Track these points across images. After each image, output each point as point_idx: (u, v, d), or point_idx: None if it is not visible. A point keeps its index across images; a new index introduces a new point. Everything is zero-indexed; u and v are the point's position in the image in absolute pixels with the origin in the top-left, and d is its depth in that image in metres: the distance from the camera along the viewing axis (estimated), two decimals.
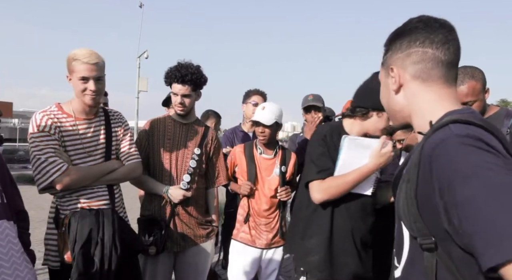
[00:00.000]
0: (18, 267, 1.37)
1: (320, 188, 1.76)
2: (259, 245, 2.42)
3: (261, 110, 2.40)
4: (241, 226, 2.46)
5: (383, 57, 1.02)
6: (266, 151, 2.50)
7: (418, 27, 0.92)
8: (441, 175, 0.72)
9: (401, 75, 0.94)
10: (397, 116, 1.00)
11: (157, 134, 2.28)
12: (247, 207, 2.45)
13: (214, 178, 2.45)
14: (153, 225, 2.15)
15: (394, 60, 0.96)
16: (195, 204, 2.31)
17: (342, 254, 1.79)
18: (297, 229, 1.95)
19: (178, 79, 2.20)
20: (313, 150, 1.85)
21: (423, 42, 0.91)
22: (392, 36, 0.98)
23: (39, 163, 1.69)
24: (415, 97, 0.93)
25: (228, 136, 3.17)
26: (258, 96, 3.07)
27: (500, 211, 0.62)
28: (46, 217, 1.93)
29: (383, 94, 1.04)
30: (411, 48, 0.92)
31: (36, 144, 1.70)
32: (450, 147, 0.73)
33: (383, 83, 1.03)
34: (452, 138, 0.74)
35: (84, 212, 1.71)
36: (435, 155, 0.75)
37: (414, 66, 0.92)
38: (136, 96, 20.38)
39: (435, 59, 0.90)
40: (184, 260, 2.30)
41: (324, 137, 1.83)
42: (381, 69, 1.04)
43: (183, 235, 2.25)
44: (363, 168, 1.71)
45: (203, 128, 2.41)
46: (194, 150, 2.30)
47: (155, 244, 2.10)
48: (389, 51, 0.98)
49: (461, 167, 0.69)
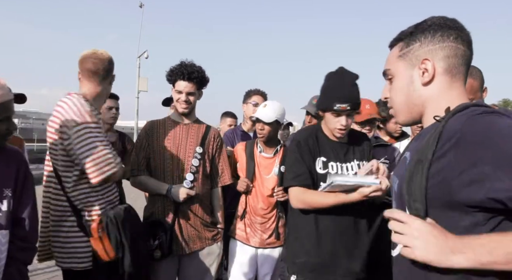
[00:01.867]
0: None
1: (299, 197, 1.81)
2: (253, 244, 2.41)
3: (263, 108, 2.40)
4: (237, 222, 2.47)
5: (402, 50, 0.99)
6: (266, 149, 2.50)
7: (447, 24, 0.94)
8: (479, 140, 0.76)
9: (436, 67, 0.93)
10: (414, 110, 0.98)
11: (157, 134, 2.26)
12: (244, 204, 2.45)
13: (218, 177, 2.40)
14: (157, 228, 2.10)
15: (426, 51, 0.94)
16: (200, 205, 2.26)
17: (330, 255, 1.79)
18: (288, 231, 1.99)
19: (184, 76, 2.19)
20: (289, 157, 1.94)
21: (456, 39, 0.93)
22: (415, 29, 0.97)
23: (102, 153, 1.70)
24: (442, 91, 0.94)
25: (228, 136, 3.16)
26: (259, 96, 3.07)
27: None
28: None
29: (400, 87, 0.99)
30: (445, 42, 0.93)
31: (96, 134, 1.72)
32: (482, 119, 0.78)
33: (403, 76, 0.98)
34: (479, 112, 0.79)
35: (118, 210, 1.79)
36: (468, 127, 0.79)
37: (447, 60, 0.93)
38: (136, 96, 20.37)
39: (464, 56, 0.93)
40: (189, 264, 2.24)
41: (298, 143, 1.88)
42: (400, 62, 0.99)
43: (188, 237, 2.19)
44: (346, 197, 1.65)
45: (204, 127, 2.39)
46: (196, 149, 2.27)
47: (160, 247, 2.06)
48: (415, 42, 0.96)
49: (502, 128, 0.76)
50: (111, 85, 2.00)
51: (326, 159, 1.85)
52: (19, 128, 26.60)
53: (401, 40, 1.00)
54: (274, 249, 2.46)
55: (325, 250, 1.79)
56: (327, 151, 1.87)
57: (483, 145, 0.75)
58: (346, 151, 1.90)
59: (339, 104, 1.75)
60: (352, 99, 1.78)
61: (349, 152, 1.90)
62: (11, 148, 1.55)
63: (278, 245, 2.45)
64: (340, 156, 1.87)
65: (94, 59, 1.87)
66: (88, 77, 1.87)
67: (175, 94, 2.27)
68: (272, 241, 2.42)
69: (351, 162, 1.87)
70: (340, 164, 1.86)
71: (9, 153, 1.50)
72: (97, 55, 1.88)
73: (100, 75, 1.88)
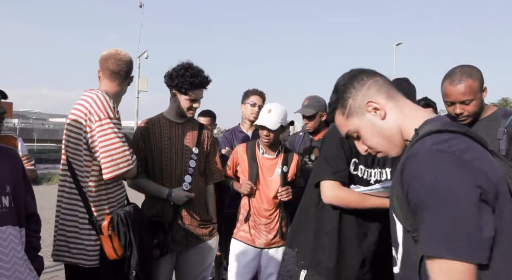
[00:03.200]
0: (20, 276, 1.34)
1: (335, 192, 1.73)
2: (258, 245, 2.41)
3: (267, 113, 2.37)
4: (241, 225, 2.46)
5: (344, 112, 1.10)
6: (268, 151, 2.49)
7: (352, 74, 1.11)
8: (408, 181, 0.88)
9: (380, 102, 1.04)
10: (395, 140, 1.05)
11: (153, 135, 2.25)
12: (248, 206, 2.44)
13: (211, 174, 2.43)
14: (156, 227, 2.13)
15: (361, 98, 1.06)
16: (198, 204, 2.30)
17: (347, 256, 1.78)
18: (304, 226, 1.91)
19: (199, 85, 2.21)
20: (329, 151, 1.82)
21: (367, 76, 1.08)
22: (337, 95, 1.12)
23: (121, 149, 1.73)
24: (399, 113, 1.03)
25: (227, 137, 3.15)
26: (257, 96, 3.06)
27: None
28: (47, 216, 1.93)
29: (370, 133, 1.07)
30: (365, 83, 1.06)
31: (116, 130, 1.75)
32: (419, 159, 0.87)
33: (363, 125, 1.07)
34: (423, 150, 0.87)
35: (128, 209, 1.82)
36: (406, 164, 0.89)
37: (380, 90, 1.05)
38: (136, 96, 20.39)
39: (386, 82, 1.08)
40: (186, 260, 2.29)
41: (342, 139, 1.76)
42: (351, 120, 1.10)
43: (186, 235, 2.23)
44: (385, 201, 1.63)
45: (198, 126, 2.40)
46: (193, 150, 2.28)
47: (159, 246, 2.09)
48: (347, 101, 1.08)
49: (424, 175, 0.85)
50: (128, 85, 2.04)
51: (358, 161, 1.81)
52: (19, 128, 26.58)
53: (335, 109, 1.13)
54: (278, 249, 2.46)
55: (344, 251, 1.77)
56: (358, 153, 1.79)
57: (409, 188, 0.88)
58: (373, 157, 1.83)
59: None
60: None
61: (375, 158, 1.85)
62: (5, 146, 1.55)
63: (282, 244, 2.45)
64: (368, 161, 1.83)
65: (118, 60, 1.90)
66: (109, 77, 1.90)
67: (186, 102, 2.23)
68: (277, 241, 2.43)
69: (375, 169, 1.84)
70: (369, 169, 1.83)
71: (5, 151, 1.51)
72: (120, 56, 1.92)
73: (121, 75, 1.92)
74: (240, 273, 2.42)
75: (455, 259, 0.78)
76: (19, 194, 1.44)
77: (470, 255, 0.78)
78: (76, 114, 1.77)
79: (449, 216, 0.79)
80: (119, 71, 1.90)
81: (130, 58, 1.97)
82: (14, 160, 1.49)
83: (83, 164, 1.76)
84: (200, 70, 2.24)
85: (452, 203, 0.79)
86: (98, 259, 1.76)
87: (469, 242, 0.78)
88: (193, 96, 2.22)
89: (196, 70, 2.22)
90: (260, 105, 3.01)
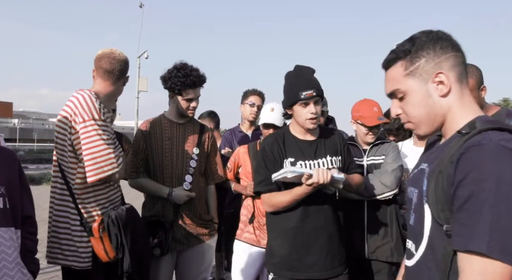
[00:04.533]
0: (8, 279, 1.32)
1: (266, 201, 1.89)
2: (263, 245, 2.41)
3: (270, 112, 2.38)
4: (245, 227, 2.45)
5: (408, 68, 0.99)
6: None
7: (439, 36, 0.97)
8: (465, 169, 0.82)
9: (450, 79, 0.95)
10: (436, 121, 0.99)
11: (154, 135, 2.26)
12: (252, 208, 2.44)
13: (212, 175, 2.44)
14: (157, 227, 2.13)
15: (434, 65, 0.96)
16: (198, 204, 2.30)
17: (304, 254, 1.81)
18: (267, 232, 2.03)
19: (194, 83, 2.21)
20: (255, 164, 2.06)
21: (452, 48, 0.97)
22: (412, 47, 0.98)
23: (105, 151, 1.70)
24: (458, 99, 0.96)
25: (227, 137, 3.15)
26: (256, 97, 3.05)
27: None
28: (46, 216, 1.92)
29: (418, 102, 0.99)
30: (447, 53, 0.96)
31: (100, 132, 1.71)
32: (484, 151, 0.82)
33: (418, 92, 0.99)
34: (491, 144, 0.82)
35: (120, 211, 1.79)
36: (468, 153, 0.83)
37: (454, 69, 0.96)
38: (136, 96, 20.37)
39: (463, 62, 0.98)
40: (186, 259, 2.29)
41: (262, 149, 1.94)
42: (409, 80, 0.99)
43: (186, 235, 2.24)
44: (297, 190, 1.73)
45: (199, 126, 2.40)
46: (193, 150, 2.29)
47: (159, 246, 2.09)
48: (419, 59, 0.97)
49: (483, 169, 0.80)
50: (124, 86, 2.01)
51: (294, 159, 1.87)
52: (19, 128, 26.59)
53: (400, 58, 1.00)
54: None
55: (297, 248, 1.82)
56: (295, 151, 1.89)
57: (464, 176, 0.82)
58: (316, 148, 1.90)
59: (304, 92, 1.78)
60: (316, 85, 1.82)
61: (319, 149, 1.90)
62: (3, 147, 1.55)
63: None
64: (310, 154, 1.88)
65: (111, 59, 1.88)
66: (102, 76, 1.88)
67: (183, 102, 2.25)
68: None
69: (322, 159, 1.88)
70: (310, 162, 1.87)
71: (1, 152, 1.50)
72: (114, 55, 1.89)
73: (114, 75, 1.89)
74: (245, 274, 2.42)
75: (504, 262, 0.74)
76: (15, 196, 1.42)
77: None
78: (63, 114, 1.75)
79: (511, 215, 0.75)
80: (113, 70, 1.87)
81: (125, 58, 1.94)
82: (9, 161, 1.47)
83: (68, 165, 1.75)
84: (193, 69, 2.23)
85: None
86: (90, 261, 1.74)
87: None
88: (188, 96, 2.22)
89: (189, 69, 2.21)
90: (259, 105, 3.01)
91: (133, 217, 1.88)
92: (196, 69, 2.25)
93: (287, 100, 1.88)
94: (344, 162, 1.93)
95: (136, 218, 1.92)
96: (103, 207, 1.80)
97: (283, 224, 1.85)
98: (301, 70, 1.89)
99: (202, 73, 2.27)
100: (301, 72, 1.88)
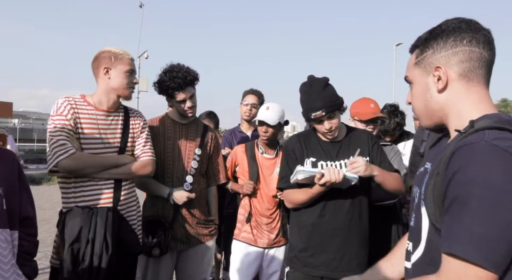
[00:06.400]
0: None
1: (286, 198, 2.01)
2: (261, 245, 2.42)
3: (265, 110, 2.40)
4: (242, 226, 2.46)
5: (417, 57, 0.98)
6: (267, 151, 2.50)
7: (461, 27, 0.91)
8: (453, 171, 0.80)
9: (448, 74, 0.92)
10: (434, 116, 0.97)
11: (157, 135, 2.25)
12: (249, 207, 2.45)
13: (214, 176, 2.44)
14: (156, 226, 2.13)
15: (438, 58, 0.93)
16: (198, 204, 2.31)
17: (319, 252, 1.86)
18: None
19: (180, 86, 2.17)
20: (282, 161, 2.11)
21: (470, 41, 0.90)
22: (429, 35, 0.96)
23: (51, 143, 1.74)
24: (460, 96, 0.92)
25: (226, 138, 3.16)
26: (252, 96, 3.06)
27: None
28: (47, 216, 1.93)
29: (418, 93, 0.99)
30: (458, 47, 0.90)
31: (53, 126, 1.76)
32: (473, 150, 0.79)
33: (419, 82, 0.98)
34: (482, 143, 0.78)
35: (76, 211, 1.71)
36: (457, 153, 0.81)
37: (461, 64, 0.90)
38: (136, 96, 20.38)
39: (481, 59, 0.90)
40: (186, 260, 2.29)
41: (285, 148, 2.05)
42: (416, 69, 0.99)
43: (186, 235, 2.24)
44: (312, 189, 1.80)
45: (202, 127, 2.40)
46: (195, 151, 2.29)
47: (158, 245, 2.09)
48: (428, 50, 0.95)
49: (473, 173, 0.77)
50: (107, 75, 1.99)
51: (316, 159, 1.91)
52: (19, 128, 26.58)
53: (417, 47, 0.99)
54: (280, 248, 2.47)
55: (313, 245, 1.87)
56: (317, 151, 1.93)
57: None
58: (339, 150, 1.93)
59: (313, 113, 1.81)
60: (326, 103, 1.80)
61: (343, 150, 1.93)
62: (1, 148, 1.54)
63: (283, 243, 2.46)
64: (332, 154, 1.92)
65: (108, 52, 1.92)
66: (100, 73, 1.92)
67: (178, 104, 2.24)
68: (279, 240, 2.45)
69: (344, 159, 1.90)
70: (331, 163, 1.90)
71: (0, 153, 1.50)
72: (110, 48, 1.94)
73: (94, 70, 1.93)
74: (243, 274, 2.43)
75: (487, 269, 0.72)
76: (13, 196, 1.40)
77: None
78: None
79: (496, 219, 0.72)
80: (93, 67, 1.93)
81: (100, 50, 1.95)
82: (8, 161, 1.47)
83: None
84: (180, 68, 2.20)
85: (504, 205, 0.72)
86: (58, 259, 1.75)
87: (509, 252, 0.72)
88: (180, 97, 2.21)
89: (176, 71, 2.18)
90: (254, 103, 3.02)
91: (97, 220, 1.72)
92: (184, 68, 2.21)
93: (303, 116, 1.92)
94: (372, 163, 1.89)
95: (107, 221, 1.74)
96: (70, 203, 1.78)
97: (302, 220, 1.92)
98: (311, 86, 1.86)
99: (192, 72, 2.24)
100: (311, 88, 1.85)
